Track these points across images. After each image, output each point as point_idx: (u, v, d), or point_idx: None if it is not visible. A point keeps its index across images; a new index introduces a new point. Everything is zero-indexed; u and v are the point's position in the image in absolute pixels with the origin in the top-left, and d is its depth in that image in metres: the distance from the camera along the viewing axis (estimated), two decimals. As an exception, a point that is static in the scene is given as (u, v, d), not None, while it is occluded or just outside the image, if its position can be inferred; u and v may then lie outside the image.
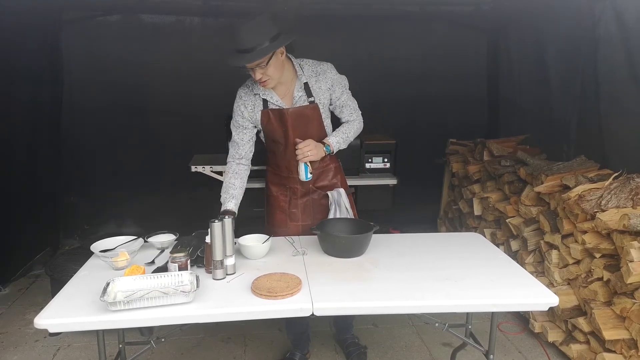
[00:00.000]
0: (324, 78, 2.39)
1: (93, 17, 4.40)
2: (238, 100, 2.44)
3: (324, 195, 2.54)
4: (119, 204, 4.67)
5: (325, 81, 2.39)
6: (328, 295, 1.84)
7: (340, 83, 2.43)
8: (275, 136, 2.43)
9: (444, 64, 4.73)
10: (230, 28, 2.22)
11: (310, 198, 2.53)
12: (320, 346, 2.99)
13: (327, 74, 2.39)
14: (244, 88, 2.44)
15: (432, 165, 4.56)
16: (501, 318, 3.24)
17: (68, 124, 4.55)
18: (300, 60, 2.41)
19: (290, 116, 2.36)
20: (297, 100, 2.38)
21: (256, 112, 2.40)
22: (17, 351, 2.98)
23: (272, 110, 2.38)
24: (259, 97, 2.39)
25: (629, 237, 2.39)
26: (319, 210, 2.54)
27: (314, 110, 2.39)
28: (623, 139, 3.02)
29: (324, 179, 2.54)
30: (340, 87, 2.43)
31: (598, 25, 3.12)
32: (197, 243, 2.15)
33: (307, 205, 2.53)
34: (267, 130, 2.44)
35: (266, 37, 2.16)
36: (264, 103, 2.39)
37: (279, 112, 2.37)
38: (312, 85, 2.38)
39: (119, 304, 1.68)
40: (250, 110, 2.41)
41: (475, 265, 2.13)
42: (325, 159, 2.49)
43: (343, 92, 2.44)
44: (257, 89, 2.38)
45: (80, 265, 2.13)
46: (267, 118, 2.39)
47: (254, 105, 2.41)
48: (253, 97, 2.40)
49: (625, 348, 2.43)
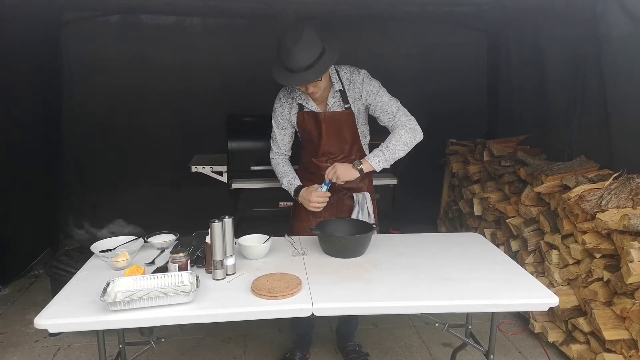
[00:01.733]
0: (354, 87, 2.44)
1: (93, 17, 4.41)
2: (277, 102, 2.54)
3: (349, 195, 2.58)
4: (119, 204, 4.67)
5: (355, 90, 2.44)
6: (328, 295, 1.84)
7: (371, 91, 2.42)
8: (310, 136, 2.53)
9: (444, 64, 4.73)
10: (281, 48, 2.24)
11: (336, 197, 2.57)
12: (321, 346, 2.99)
13: (356, 84, 2.43)
14: (284, 90, 2.53)
15: (432, 165, 4.56)
16: (501, 318, 3.24)
17: (68, 124, 4.56)
18: (337, 67, 2.46)
19: (325, 120, 2.45)
20: (331, 106, 2.45)
21: (292, 114, 2.51)
22: (17, 351, 2.98)
23: (307, 112, 2.48)
24: (296, 101, 2.49)
25: (629, 238, 2.39)
26: (342, 209, 2.58)
27: (348, 116, 2.45)
28: (629, 139, 3.01)
29: (352, 181, 2.55)
30: (371, 95, 2.42)
31: (601, 25, 3.11)
32: (197, 243, 2.15)
33: (332, 203, 2.55)
34: (302, 130, 2.54)
35: (317, 52, 2.23)
36: (300, 107, 2.48)
37: (314, 115, 2.47)
38: (347, 91, 2.44)
39: (119, 304, 1.68)
40: (287, 112, 2.51)
41: (475, 265, 2.13)
42: (351, 162, 2.51)
43: (375, 98, 2.42)
44: (295, 94, 2.48)
45: (80, 265, 2.13)
46: (302, 119, 2.49)
47: (291, 108, 2.51)
48: (291, 101, 2.50)
49: (625, 348, 2.43)
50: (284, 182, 2.56)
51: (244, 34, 4.55)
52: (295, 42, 2.19)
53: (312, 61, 2.21)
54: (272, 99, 2.56)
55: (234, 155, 3.52)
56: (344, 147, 2.52)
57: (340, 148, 2.52)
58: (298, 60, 2.20)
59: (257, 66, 4.57)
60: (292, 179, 2.54)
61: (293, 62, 2.21)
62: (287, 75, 2.26)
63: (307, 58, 2.20)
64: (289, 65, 2.23)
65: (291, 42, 2.20)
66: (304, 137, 2.57)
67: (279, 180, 2.60)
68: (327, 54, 2.26)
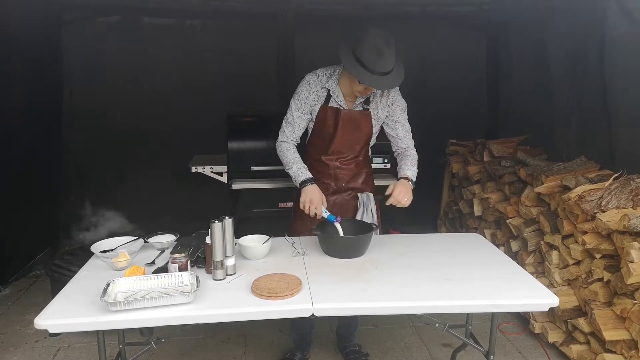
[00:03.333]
0: (387, 94, 2.45)
1: (93, 17, 4.40)
2: (306, 85, 2.44)
3: (354, 196, 2.57)
4: (119, 204, 4.65)
5: (388, 96, 2.45)
6: (328, 295, 1.84)
7: (401, 105, 2.50)
8: (324, 131, 2.47)
9: (444, 64, 4.73)
10: (366, 43, 2.16)
11: (341, 196, 2.57)
12: (321, 347, 2.99)
13: (391, 92, 2.45)
14: (314, 76, 2.45)
15: (432, 165, 4.56)
16: (501, 318, 3.24)
17: (68, 124, 4.55)
18: None
19: (343, 117, 2.42)
20: (356, 105, 2.44)
21: (317, 104, 2.45)
22: (17, 352, 2.98)
23: (330, 107, 2.43)
24: (326, 90, 2.42)
25: (629, 238, 2.39)
26: (346, 209, 2.57)
27: (366, 117, 2.45)
28: (629, 139, 3.00)
29: (356, 182, 2.58)
30: (400, 108, 2.49)
31: (602, 24, 3.11)
32: (198, 243, 2.15)
33: (336, 203, 2.55)
34: (319, 123, 2.48)
35: (395, 60, 2.22)
36: (327, 99, 2.43)
37: (335, 111, 2.43)
38: (374, 96, 2.44)
39: (119, 304, 1.68)
40: (313, 99, 2.44)
41: (475, 265, 2.13)
42: (361, 163, 2.57)
43: (402, 114, 2.51)
44: (329, 84, 2.42)
45: (80, 265, 2.14)
46: (324, 113, 2.44)
47: (318, 97, 2.44)
48: (320, 90, 2.44)
49: (625, 349, 2.43)
50: (294, 167, 2.43)
51: (244, 34, 4.55)
52: (388, 44, 2.17)
53: (392, 67, 2.20)
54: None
55: (234, 155, 3.52)
56: (355, 147, 2.51)
57: (351, 148, 2.51)
58: (385, 64, 2.17)
59: (257, 66, 4.58)
60: (303, 168, 2.43)
61: (379, 64, 2.16)
62: (363, 73, 2.17)
63: (391, 63, 2.19)
64: (372, 66, 2.16)
65: (384, 43, 2.16)
66: (316, 132, 2.50)
67: (286, 165, 2.46)
68: (400, 62, 2.26)
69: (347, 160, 2.53)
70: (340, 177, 2.54)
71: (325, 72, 2.43)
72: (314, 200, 2.33)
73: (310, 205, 2.33)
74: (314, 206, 2.32)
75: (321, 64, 2.51)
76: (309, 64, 2.58)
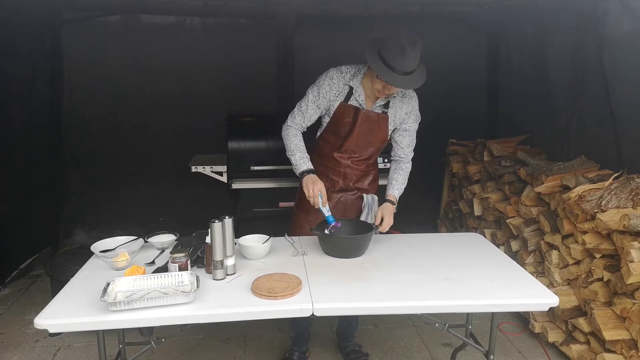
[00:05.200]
0: (408, 101, 2.46)
1: (93, 17, 4.40)
2: (328, 80, 2.43)
3: (359, 195, 2.58)
4: (119, 204, 4.67)
5: (407, 105, 2.46)
6: (328, 295, 1.84)
7: (416, 115, 2.51)
8: (340, 128, 2.46)
9: (444, 63, 4.71)
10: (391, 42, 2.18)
11: (346, 195, 2.57)
12: (320, 346, 2.99)
13: (411, 101, 2.47)
14: (338, 72, 2.43)
15: (432, 165, 4.56)
16: (501, 318, 3.24)
17: (68, 124, 4.55)
18: None
19: (362, 116, 2.42)
20: (375, 107, 2.44)
21: (337, 100, 2.43)
22: (17, 351, 2.98)
23: (350, 105, 2.43)
24: (348, 87, 2.41)
25: (629, 238, 2.39)
26: (350, 208, 2.57)
27: (383, 120, 2.45)
28: (629, 139, 3.00)
29: (363, 182, 2.58)
30: (414, 118, 2.50)
31: (603, 24, 3.10)
32: (198, 243, 2.15)
33: (340, 201, 2.55)
34: (335, 120, 2.46)
35: (418, 60, 2.23)
36: (347, 96, 2.41)
37: (355, 109, 2.42)
38: (394, 101, 2.44)
39: (119, 304, 1.68)
40: (333, 94, 2.43)
41: (475, 265, 2.13)
42: (370, 165, 2.59)
43: (413, 124, 2.52)
44: (353, 82, 2.41)
45: (80, 265, 2.14)
46: (342, 110, 2.43)
47: (338, 93, 2.43)
48: (342, 87, 2.42)
49: (625, 348, 2.43)
50: (297, 155, 2.42)
51: (244, 34, 4.54)
52: (413, 45, 2.17)
53: (414, 68, 2.21)
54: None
55: (234, 155, 3.52)
56: (369, 149, 2.51)
57: (364, 149, 2.51)
58: (406, 63, 2.17)
59: (257, 66, 4.58)
60: (306, 158, 2.43)
61: (399, 62, 2.17)
62: (384, 70, 2.19)
63: (413, 64, 2.20)
64: (392, 62, 2.17)
65: (409, 43, 2.17)
66: (331, 128, 2.49)
67: (289, 151, 2.45)
68: (423, 65, 2.27)
69: (359, 161, 2.53)
70: (349, 176, 2.54)
71: (350, 70, 2.43)
72: (316, 183, 2.34)
73: (314, 186, 2.33)
74: (317, 188, 2.33)
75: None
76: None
